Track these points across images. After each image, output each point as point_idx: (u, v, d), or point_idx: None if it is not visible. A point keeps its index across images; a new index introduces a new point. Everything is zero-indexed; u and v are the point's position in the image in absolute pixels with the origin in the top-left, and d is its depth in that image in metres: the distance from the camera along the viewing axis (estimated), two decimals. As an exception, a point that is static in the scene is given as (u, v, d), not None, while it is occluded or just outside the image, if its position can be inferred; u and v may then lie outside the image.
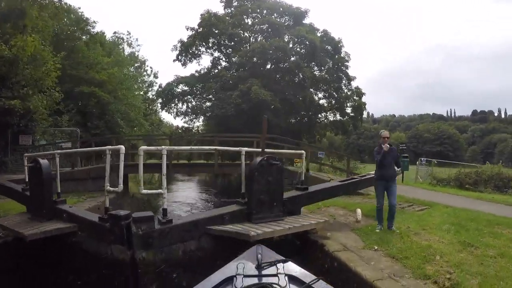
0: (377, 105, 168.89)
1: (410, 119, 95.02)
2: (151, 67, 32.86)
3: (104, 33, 23.95)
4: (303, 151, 5.84)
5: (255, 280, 2.14)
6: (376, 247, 4.19)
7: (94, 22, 20.60)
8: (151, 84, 29.75)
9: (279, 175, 4.77)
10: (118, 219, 3.76)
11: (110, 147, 4.36)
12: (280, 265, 2.39)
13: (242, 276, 2.20)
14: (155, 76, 30.43)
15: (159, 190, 4.08)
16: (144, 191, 4.08)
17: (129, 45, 28.57)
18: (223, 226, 4.29)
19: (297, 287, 2.12)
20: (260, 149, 4.83)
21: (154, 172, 14.02)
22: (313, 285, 2.13)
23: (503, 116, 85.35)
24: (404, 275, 3.32)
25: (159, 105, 27.02)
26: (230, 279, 2.20)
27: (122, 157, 3.99)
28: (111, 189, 4.11)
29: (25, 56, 11.65)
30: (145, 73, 30.03)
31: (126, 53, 28.09)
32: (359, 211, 5.92)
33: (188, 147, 9.34)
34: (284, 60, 20.66)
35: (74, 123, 16.02)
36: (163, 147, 4.07)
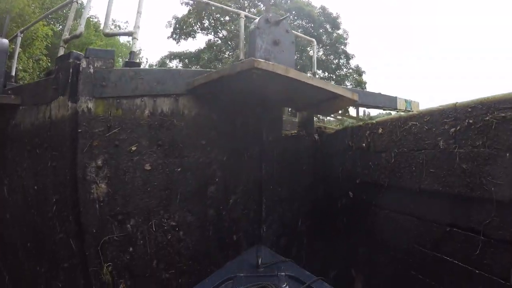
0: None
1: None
2: (146, 58, 32.52)
3: (98, 19, 23.57)
4: (313, 39, 4.77)
5: (255, 280, 2.11)
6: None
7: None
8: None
9: (289, 41, 3.57)
10: (67, 58, 2.62)
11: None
12: (280, 265, 2.41)
13: (242, 276, 2.21)
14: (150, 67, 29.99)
15: (129, 30, 3.07)
16: (109, 31, 2.99)
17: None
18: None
19: (297, 287, 2.09)
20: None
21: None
22: (313, 285, 2.09)
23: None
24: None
25: None
26: (230, 279, 2.21)
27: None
28: (69, 36, 3.08)
29: (13, 12, 10.83)
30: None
31: (121, 42, 27.76)
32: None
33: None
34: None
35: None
36: None
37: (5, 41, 3.90)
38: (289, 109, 11.36)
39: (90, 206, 2.55)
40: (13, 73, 4.23)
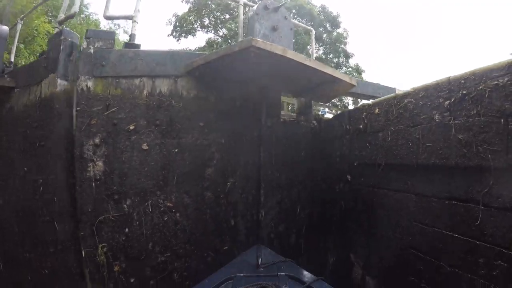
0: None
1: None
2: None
3: (98, 18, 23.73)
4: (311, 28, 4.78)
5: (255, 280, 2.12)
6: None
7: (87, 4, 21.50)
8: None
9: (287, 27, 3.58)
10: (58, 36, 2.63)
11: None
12: (280, 265, 2.42)
13: (242, 276, 2.22)
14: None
15: (130, 13, 3.03)
16: (110, 14, 3.00)
17: (126, 31, 28.32)
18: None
19: (297, 287, 2.10)
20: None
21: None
22: (313, 285, 2.11)
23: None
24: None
25: None
26: (230, 279, 2.22)
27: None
28: (64, 17, 3.07)
29: (15, 8, 11.10)
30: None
31: (121, 40, 27.88)
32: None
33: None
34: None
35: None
36: None
37: (5, 27, 3.91)
38: (290, 107, 11.33)
39: (86, 185, 2.54)
40: (12, 59, 4.27)
